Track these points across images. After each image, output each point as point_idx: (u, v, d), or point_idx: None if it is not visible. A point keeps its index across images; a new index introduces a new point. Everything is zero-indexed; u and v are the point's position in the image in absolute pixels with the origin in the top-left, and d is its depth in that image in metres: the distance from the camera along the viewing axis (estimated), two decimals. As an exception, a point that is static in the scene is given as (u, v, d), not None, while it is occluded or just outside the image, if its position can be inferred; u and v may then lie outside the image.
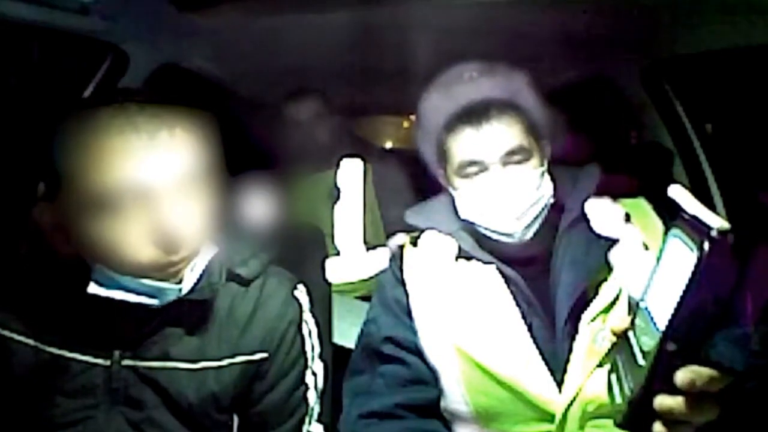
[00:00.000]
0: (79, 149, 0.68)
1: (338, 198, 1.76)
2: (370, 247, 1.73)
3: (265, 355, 0.85)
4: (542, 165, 0.94)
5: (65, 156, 0.69)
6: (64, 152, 0.69)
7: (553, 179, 0.99)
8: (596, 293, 0.87)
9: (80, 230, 0.70)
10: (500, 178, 0.91)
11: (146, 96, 0.73)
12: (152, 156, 0.69)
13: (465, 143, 0.93)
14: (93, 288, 0.72)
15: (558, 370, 0.85)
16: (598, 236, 0.92)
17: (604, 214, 0.96)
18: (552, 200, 0.95)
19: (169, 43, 1.43)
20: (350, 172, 1.80)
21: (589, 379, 0.83)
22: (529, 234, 0.93)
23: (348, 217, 1.75)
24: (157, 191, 0.69)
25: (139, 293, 0.74)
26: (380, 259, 1.67)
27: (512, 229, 0.92)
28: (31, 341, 0.78)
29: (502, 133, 0.92)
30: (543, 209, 0.94)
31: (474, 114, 0.93)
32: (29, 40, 1.43)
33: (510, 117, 0.93)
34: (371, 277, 1.70)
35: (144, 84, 1.47)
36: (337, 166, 1.80)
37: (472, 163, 0.93)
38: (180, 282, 0.76)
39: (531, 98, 0.98)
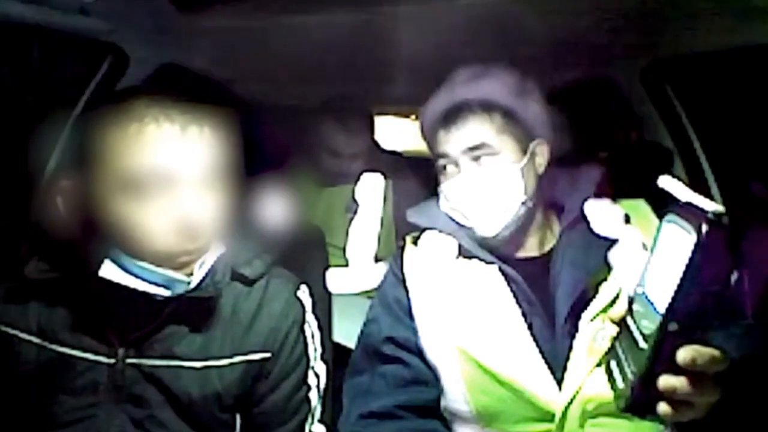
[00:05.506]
0: (115, 133, 0.72)
1: (356, 212, 1.71)
2: (379, 259, 1.70)
3: (268, 354, 0.86)
4: (518, 162, 0.95)
5: (100, 139, 0.72)
6: (100, 135, 0.72)
7: (552, 179, 1.00)
8: (596, 293, 0.88)
9: (105, 210, 0.73)
10: (467, 175, 0.95)
11: (179, 92, 0.77)
12: (182, 147, 0.73)
13: (437, 141, 0.99)
14: (106, 269, 0.74)
15: (558, 369, 0.85)
16: (598, 236, 0.93)
17: (603, 214, 0.96)
18: (534, 200, 0.97)
19: (169, 43, 1.43)
20: (370, 187, 1.73)
21: (589, 378, 0.83)
22: (507, 230, 0.95)
23: (363, 231, 1.70)
24: (183, 180, 0.73)
25: (149, 282, 0.76)
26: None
27: (485, 227, 0.95)
28: (35, 339, 0.79)
29: (468, 132, 0.95)
30: (521, 207, 0.95)
31: (450, 116, 0.97)
32: (29, 40, 1.43)
33: (480, 116, 0.96)
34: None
35: (144, 84, 1.47)
36: (357, 179, 1.73)
37: (442, 156, 0.98)
38: (189, 275, 0.78)
39: (514, 98, 0.98)
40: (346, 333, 1.20)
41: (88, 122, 0.75)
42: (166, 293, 0.77)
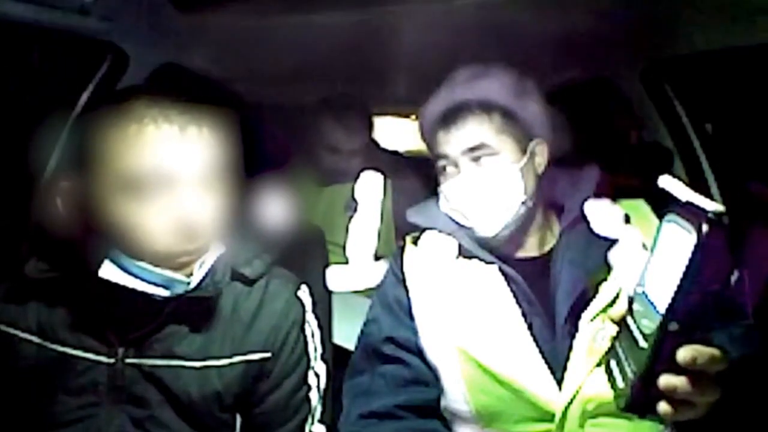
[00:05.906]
0: (115, 133, 0.72)
1: (355, 210, 1.71)
2: (378, 257, 1.70)
3: (268, 354, 0.86)
4: (518, 162, 0.95)
5: (100, 139, 0.72)
6: (99, 136, 0.73)
7: (552, 179, 1.00)
8: (596, 293, 0.88)
9: (105, 211, 0.74)
10: (467, 175, 0.95)
11: (178, 92, 0.77)
12: (181, 147, 0.73)
13: (436, 142, 0.99)
14: (106, 270, 0.74)
15: (558, 369, 0.85)
16: (598, 236, 0.93)
17: (603, 214, 0.96)
18: (534, 200, 0.97)
19: (169, 43, 1.43)
20: (369, 186, 1.73)
21: (588, 378, 0.83)
22: (507, 230, 0.95)
23: (363, 230, 1.71)
24: (182, 180, 0.73)
25: (148, 282, 0.76)
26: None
27: (485, 227, 0.95)
28: (35, 338, 0.79)
29: (468, 133, 0.95)
30: (521, 207, 0.95)
31: (449, 117, 0.97)
32: (29, 40, 1.43)
33: (479, 117, 0.96)
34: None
35: (144, 84, 1.47)
36: (357, 177, 1.73)
37: (441, 157, 0.98)
38: (189, 275, 0.78)
39: (514, 98, 0.98)
40: (346, 335, 1.20)
41: (87, 123, 0.76)
42: (166, 293, 0.77)
